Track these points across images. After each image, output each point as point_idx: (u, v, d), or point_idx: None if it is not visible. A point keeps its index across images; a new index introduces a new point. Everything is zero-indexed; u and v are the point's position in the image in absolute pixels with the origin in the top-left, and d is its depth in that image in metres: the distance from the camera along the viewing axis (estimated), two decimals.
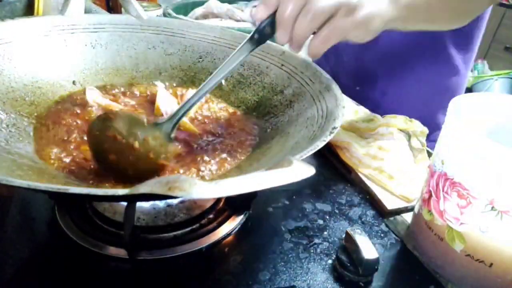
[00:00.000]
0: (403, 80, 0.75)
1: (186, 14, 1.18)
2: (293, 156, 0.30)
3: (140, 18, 0.62)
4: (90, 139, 0.40)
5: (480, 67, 2.44)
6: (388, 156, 0.53)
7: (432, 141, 0.59)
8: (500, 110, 0.40)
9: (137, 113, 0.52)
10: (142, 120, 0.41)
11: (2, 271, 0.36)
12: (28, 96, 0.49)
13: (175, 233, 0.41)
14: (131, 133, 0.38)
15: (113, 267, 0.38)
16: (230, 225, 0.43)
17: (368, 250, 0.36)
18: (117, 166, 0.38)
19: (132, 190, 0.25)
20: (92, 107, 0.50)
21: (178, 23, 0.64)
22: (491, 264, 0.35)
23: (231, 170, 0.44)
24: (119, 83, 0.59)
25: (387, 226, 0.46)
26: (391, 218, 0.47)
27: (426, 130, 0.58)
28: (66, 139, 0.44)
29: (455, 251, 0.37)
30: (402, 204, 0.48)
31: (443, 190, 0.37)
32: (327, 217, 0.46)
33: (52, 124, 0.47)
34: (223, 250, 0.41)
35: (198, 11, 1.19)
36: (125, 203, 0.36)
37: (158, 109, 0.52)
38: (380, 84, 0.76)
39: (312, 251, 0.41)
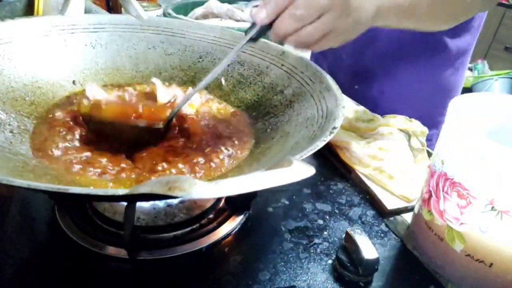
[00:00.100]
0: (401, 79, 0.75)
1: (186, 14, 1.18)
2: (293, 156, 0.29)
3: (140, 18, 0.62)
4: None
5: (480, 67, 2.44)
6: (388, 156, 0.53)
7: (429, 140, 0.60)
8: (500, 110, 0.40)
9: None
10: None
11: (2, 271, 0.36)
12: (28, 96, 0.49)
13: (175, 233, 0.41)
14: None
15: (113, 267, 0.38)
16: (230, 225, 0.43)
17: (368, 250, 0.36)
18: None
19: (132, 190, 0.25)
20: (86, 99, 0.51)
21: (178, 23, 0.64)
22: (491, 264, 0.35)
23: (231, 170, 0.44)
24: (119, 83, 0.59)
25: (387, 226, 0.46)
26: (391, 218, 0.47)
27: (426, 130, 0.58)
28: (66, 137, 0.44)
29: (455, 251, 0.37)
30: (402, 204, 0.48)
31: (443, 190, 0.37)
32: (327, 217, 0.46)
33: (51, 125, 0.47)
34: (223, 250, 0.41)
35: (198, 11, 1.19)
36: (125, 203, 0.36)
37: (159, 101, 0.52)
38: (378, 83, 0.77)
39: (312, 251, 0.41)
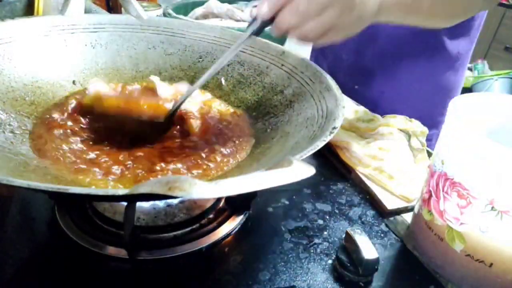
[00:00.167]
0: (401, 79, 0.75)
1: (186, 14, 1.18)
2: (293, 156, 0.29)
3: (140, 18, 0.62)
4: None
5: (480, 67, 2.44)
6: (388, 156, 0.53)
7: (429, 140, 0.60)
8: (500, 110, 0.40)
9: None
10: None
11: (2, 271, 0.36)
12: (28, 96, 0.49)
13: (175, 233, 0.41)
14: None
15: (113, 267, 0.38)
16: (230, 225, 0.43)
17: (368, 250, 0.36)
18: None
19: (132, 190, 0.25)
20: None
21: (178, 23, 0.64)
22: (491, 264, 0.35)
23: (231, 170, 0.44)
24: (119, 83, 0.59)
25: (387, 226, 0.46)
26: (391, 218, 0.47)
27: (426, 130, 0.58)
28: (67, 137, 0.44)
29: (455, 251, 0.37)
30: (402, 204, 0.48)
31: (443, 190, 0.37)
32: (327, 217, 0.46)
33: (51, 125, 0.47)
34: (223, 250, 0.41)
35: (198, 11, 1.19)
36: (125, 203, 0.36)
37: (161, 96, 0.53)
38: (378, 83, 0.77)
39: (312, 251, 0.41)
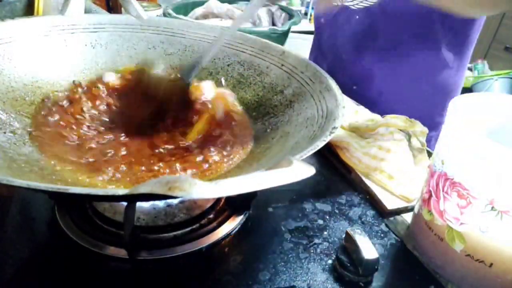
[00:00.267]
0: (400, 79, 0.75)
1: (186, 14, 1.18)
2: (293, 156, 0.29)
3: (140, 18, 0.62)
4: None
5: (480, 67, 2.43)
6: (388, 156, 0.53)
7: (428, 141, 0.60)
8: (500, 110, 0.40)
9: None
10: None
11: (2, 271, 0.36)
12: (28, 96, 0.49)
13: (175, 233, 0.41)
14: None
15: (113, 267, 0.38)
16: (230, 225, 0.43)
17: (368, 250, 0.36)
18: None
19: (132, 190, 0.25)
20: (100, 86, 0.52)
21: (178, 23, 0.64)
22: (491, 264, 0.35)
23: (231, 170, 0.44)
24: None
25: (387, 226, 0.46)
26: (391, 218, 0.47)
27: (426, 130, 0.58)
28: (68, 137, 0.45)
29: (455, 251, 0.37)
30: (402, 204, 0.48)
31: (443, 190, 0.37)
32: (327, 217, 0.46)
33: (49, 124, 0.47)
34: (223, 250, 0.41)
35: (198, 11, 1.19)
36: (125, 203, 0.36)
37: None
38: (377, 83, 0.77)
39: (312, 251, 0.41)
